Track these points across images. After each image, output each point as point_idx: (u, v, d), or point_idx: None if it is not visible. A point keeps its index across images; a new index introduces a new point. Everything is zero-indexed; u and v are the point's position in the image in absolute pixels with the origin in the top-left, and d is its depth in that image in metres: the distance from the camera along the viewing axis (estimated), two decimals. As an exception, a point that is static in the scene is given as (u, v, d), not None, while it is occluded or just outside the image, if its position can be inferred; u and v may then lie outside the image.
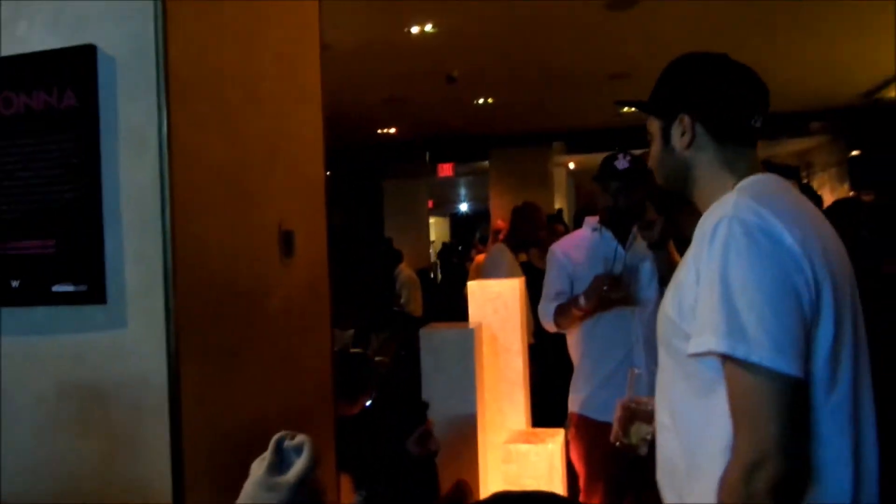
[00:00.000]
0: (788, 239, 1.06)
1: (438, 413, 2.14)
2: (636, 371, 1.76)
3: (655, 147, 1.35)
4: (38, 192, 1.49)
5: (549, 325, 2.66)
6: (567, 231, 5.13)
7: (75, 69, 1.45)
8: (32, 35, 1.51)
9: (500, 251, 4.42)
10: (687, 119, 1.28)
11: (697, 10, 4.95)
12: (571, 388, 2.67)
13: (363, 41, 5.41)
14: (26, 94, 1.49)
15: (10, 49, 1.51)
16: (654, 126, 1.35)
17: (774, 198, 1.16)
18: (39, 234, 1.50)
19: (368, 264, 7.51)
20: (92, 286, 1.48)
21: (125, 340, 1.49)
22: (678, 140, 1.29)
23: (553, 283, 2.67)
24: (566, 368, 2.67)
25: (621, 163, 2.57)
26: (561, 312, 2.59)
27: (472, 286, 2.62)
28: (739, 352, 1.03)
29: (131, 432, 1.50)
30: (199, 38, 1.57)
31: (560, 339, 2.70)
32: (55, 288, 1.50)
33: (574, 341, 2.66)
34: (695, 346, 1.09)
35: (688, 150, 1.29)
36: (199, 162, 1.55)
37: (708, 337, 1.06)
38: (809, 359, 1.06)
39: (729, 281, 1.06)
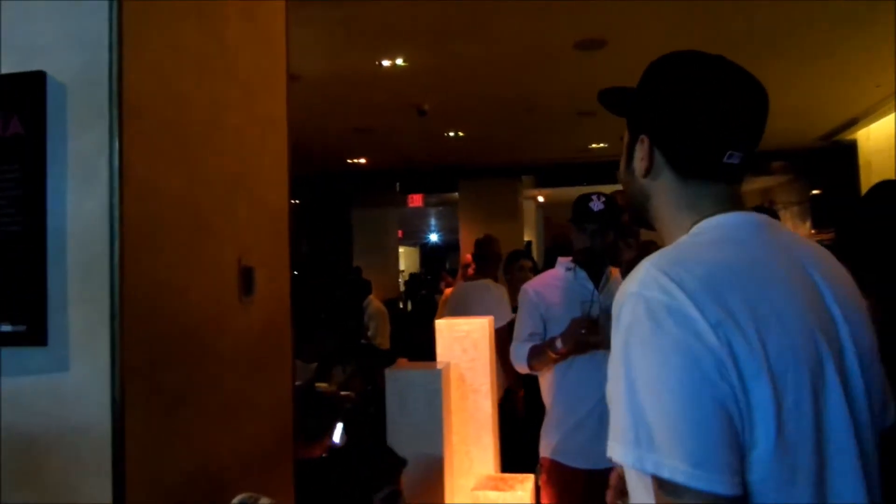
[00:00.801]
0: (701, 323, 0.83)
1: (403, 455, 2.05)
2: None
3: (622, 163, 1.12)
4: (-23, 224, 1.39)
5: (522, 367, 2.60)
6: (535, 267, 5.09)
7: (23, 96, 1.36)
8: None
9: (473, 287, 4.35)
10: (647, 142, 1.03)
11: (664, 52, 5.02)
12: (543, 433, 2.60)
13: (334, 71, 5.38)
14: (-29, 119, 1.39)
15: (-44, 73, 1.42)
16: (625, 136, 1.11)
17: (711, 257, 0.91)
18: (-24, 268, 1.39)
19: (336, 294, 7.38)
20: (32, 326, 1.37)
21: (67, 385, 1.39)
22: (638, 163, 1.05)
23: (526, 324, 2.61)
24: (537, 411, 2.60)
25: (596, 204, 2.55)
26: (535, 354, 2.53)
27: (440, 325, 2.55)
28: (648, 465, 0.81)
29: (71, 486, 1.38)
30: (158, 64, 1.49)
31: (532, 382, 2.63)
32: (-7, 327, 1.39)
33: (547, 384, 2.60)
34: (609, 451, 0.88)
35: (645, 178, 1.05)
36: (153, 194, 1.46)
37: (614, 444, 0.86)
38: (745, 467, 0.82)
39: (633, 375, 0.84)
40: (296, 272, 2.18)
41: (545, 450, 2.58)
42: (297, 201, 10.52)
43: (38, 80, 1.36)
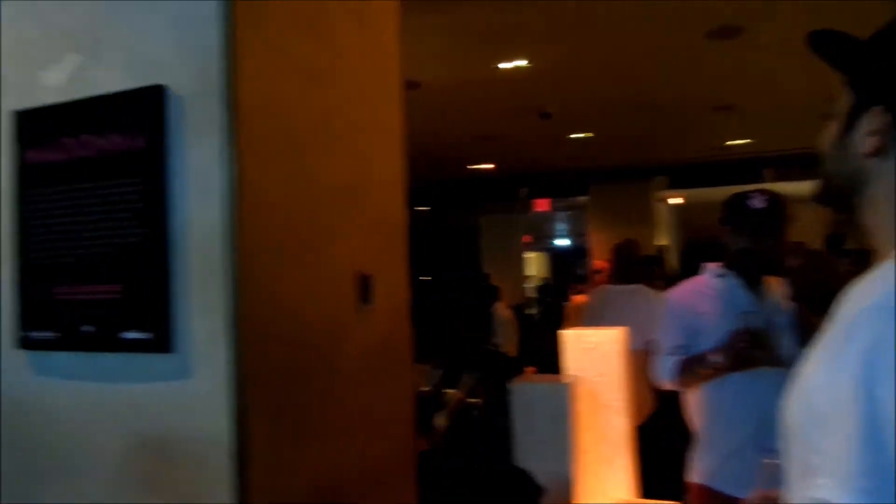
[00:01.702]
0: None
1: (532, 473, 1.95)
2: (772, 461, 1.43)
3: (834, 130, 0.91)
4: (107, 236, 1.45)
5: (666, 383, 2.39)
6: (663, 276, 4.79)
7: (144, 110, 1.41)
8: (106, 77, 1.48)
9: (620, 293, 4.11)
10: (881, 115, 0.82)
11: (802, 37, 4.58)
12: (693, 456, 2.38)
13: (453, 77, 5.38)
14: (100, 135, 1.46)
15: (88, 91, 1.50)
16: (843, 102, 0.90)
17: None
18: (108, 278, 1.45)
19: (464, 300, 7.38)
20: (158, 334, 1.41)
21: (190, 392, 1.41)
22: (862, 139, 0.85)
23: (671, 335, 2.40)
24: (674, 431, 2.40)
25: (756, 202, 2.28)
26: (684, 369, 2.32)
27: (567, 335, 2.40)
28: None
29: (195, 493, 1.40)
30: (270, 75, 1.50)
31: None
32: (123, 335, 1.45)
33: (697, 403, 2.38)
34: (812, 490, 0.73)
35: (870, 158, 0.85)
36: (268, 203, 1.47)
37: (827, 482, 0.71)
38: None
39: (878, 406, 0.69)
40: (424, 278, 2.14)
41: (696, 475, 2.36)
42: (428, 208, 10.69)
43: (158, 94, 1.40)
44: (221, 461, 1.37)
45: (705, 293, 2.40)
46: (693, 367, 2.30)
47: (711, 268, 2.45)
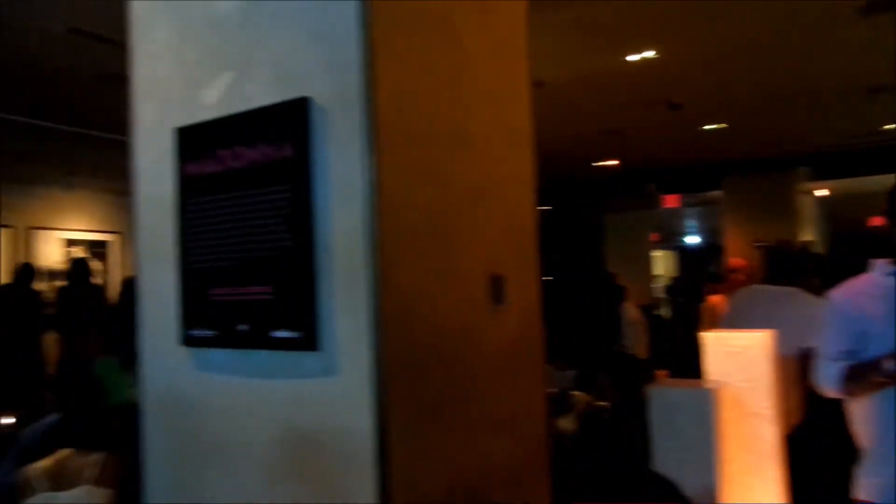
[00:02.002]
0: None
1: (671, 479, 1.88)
2: None
3: None
4: (259, 241, 1.56)
5: (831, 390, 2.21)
6: (821, 275, 4.42)
7: (291, 122, 1.50)
8: (256, 92, 1.59)
9: (772, 294, 3.85)
10: None
11: None
12: (862, 469, 2.20)
13: (578, 73, 5.29)
14: (252, 147, 1.57)
15: (240, 106, 1.62)
16: None
17: None
18: (260, 280, 1.56)
19: (591, 301, 7.24)
20: (306, 333, 1.49)
21: (335, 389, 1.48)
22: None
23: (836, 341, 2.21)
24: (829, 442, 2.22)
25: None
26: (852, 376, 2.14)
27: (709, 338, 2.28)
28: None
29: (339, 484, 1.47)
30: (405, 82, 1.54)
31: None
32: (274, 333, 1.54)
33: (867, 414, 2.19)
34: None
35: None
36: (405, 208, 1.51)
37: None
38: None
39: None
40: (548, 278, 2.13)
41: (866, 492, 2.17)
42: (549, 207, 10.59)
43: (303, 106, 1.49)
44: (365, 455, 1.43)
45: (874, 293, 2.19)
46: (862, 375, 2.11)
47: (881, 265, 2.23)
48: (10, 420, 4.60)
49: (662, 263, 16.43)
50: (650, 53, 4.97)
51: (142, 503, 1.84)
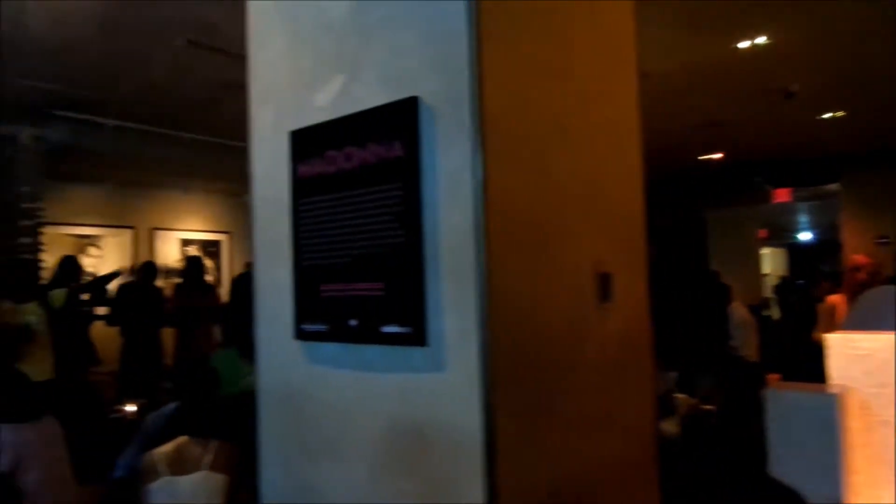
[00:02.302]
0: None
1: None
2: None
3: None
4: (369, 238, 1.60)
5: None
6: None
7: (401, 121, 1.53)
8: (366, 93, 1.64)
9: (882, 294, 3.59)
10: None
11: None
12: None
13: (684, 63, 5.10)
14: (362, 147, 1.61)
15: (350, 108, 1.67)
16: None
17: None
18: (371, 276, 1.60)
19: (695, 299, 6.98)
20: (415, 329, 1.52)
21: (444, 384, 1.50)
22: None
23: None
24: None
25: None
26: None
27: (834, 341, 2.14)
28: None
29: (448, 480, 1.49)
30: (512, 79, 1.55)
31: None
32: (384, 329, 1.58)
33: None
34: None
35: None
36: (512, 205, 1.52)
37: None
38: None
39: None
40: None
41: None
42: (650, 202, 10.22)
43: (413, 105, 1.52)
44: (472, 450, 1.45)
45: None
46: None
47: None
48: (134, 408, 4.96)
49: (772, 261, 15.60)
50: (762, 39, 4.72)
51: (255, 489, 1.94)
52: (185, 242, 9.48)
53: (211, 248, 9.75)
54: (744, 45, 4.81)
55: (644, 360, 1.98)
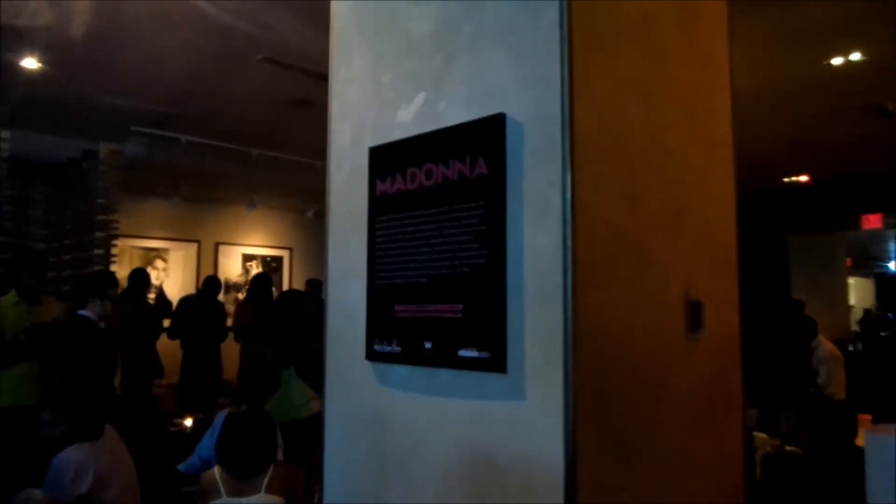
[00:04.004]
0: None
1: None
2: None
3: None
4: (448, 258, 1.59)
5: None
6: None
7: (486, 138, 1.53)
8: (450, 110, 1.64)
9: None
10: None
11: None
12: None
13: (772, 80, 4.95)
14: (444, 164, 1.61)
15: (433, 125, 1.67)
16: None
17: None
18: (449, 298, 1.59)
19: (777, 332, 6.70)
20: (494, 354, 1.50)
21: (523, 413, 1.47)
22: None
23: None
24: None
25: None
26: None
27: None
28: None
29: (525, 511, 1.45)
30: (604, 97, 1.52)
31: None
32: (461, 353, 1.56)
33: None
34: None
35: None
36: (601, 226, 1.48)
37: None
38: None
39: None
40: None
41: None
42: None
43: (499, 122, 1.51)
44: (551, 485, 1.41)
45: None
46: None
47: None
48: (190, 422, 5.09)
49: (858, 292, 14.91)
50: (856, 56, 4.55)
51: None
52: (248, 258, 9.73)
53: (273, 263, 9.98)
54: (837, 61, 4.64)
55: (734, 398, 1.91)
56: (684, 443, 1.69)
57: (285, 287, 9.81)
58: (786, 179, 8.67)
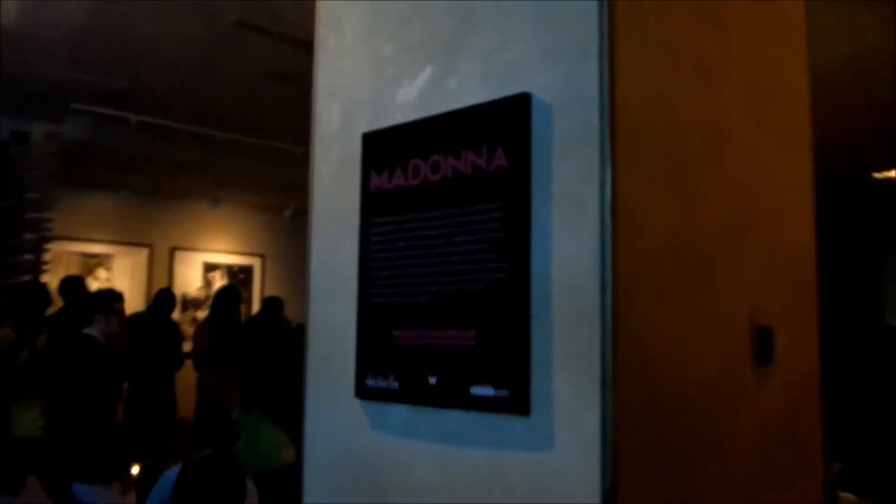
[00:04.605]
0: None
1: None
2: None
3: None
4: (459, 272, 1.60)
5: None
6: None
7: (507, 124, 1.54)
8: (463, 89, 1.66)
9: None
10: None
11: None
12: None
13: (853, 52, 4.95)
14: (454, 156, 1.62)
15: (441, 106, 1.69)
16: None
17: None
18: (458, 321, 1.60)
19: (867, 367, 6.69)
20: (515, 392, 1.50)
21: (551, 466, 1.48)
22: None
23: None
24: None
25: None
26: None
27: None
28: None
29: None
30: (653, 76, 1.54)
31: None
32: (473, 390, 1.57)
33: None
34: None
35: None
36: (648, 234, 1.50)
37: None
38: None
39: None
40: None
41: None
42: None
43: (523, 104, 1.52)
44: (587, 555, 1.41)
45: None
46: None
47: None
48: (136, 470, 5.10)
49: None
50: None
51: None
52: (210, 267, 9.77)
53: (241, 273, 10.02)
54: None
55: (812, 445, 1.93)
56: (752, 499, 1.70)
57: (256, 304, 9.83)
58: (877, 175, 8.67)
